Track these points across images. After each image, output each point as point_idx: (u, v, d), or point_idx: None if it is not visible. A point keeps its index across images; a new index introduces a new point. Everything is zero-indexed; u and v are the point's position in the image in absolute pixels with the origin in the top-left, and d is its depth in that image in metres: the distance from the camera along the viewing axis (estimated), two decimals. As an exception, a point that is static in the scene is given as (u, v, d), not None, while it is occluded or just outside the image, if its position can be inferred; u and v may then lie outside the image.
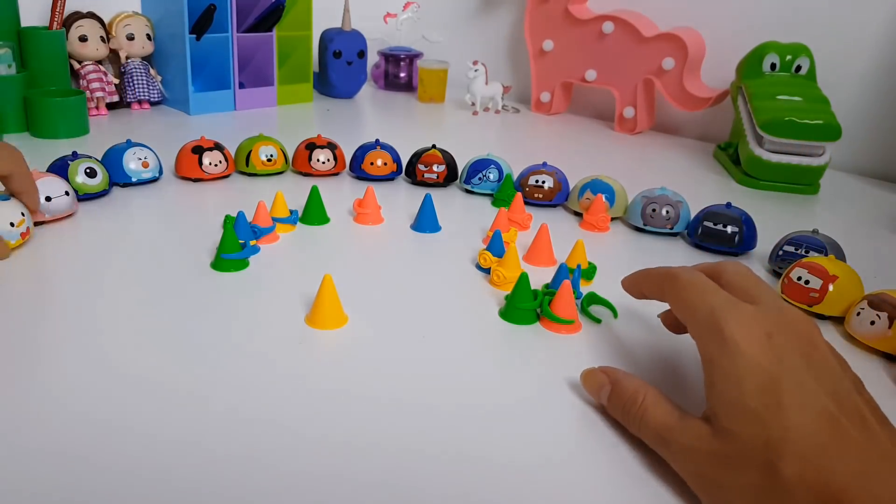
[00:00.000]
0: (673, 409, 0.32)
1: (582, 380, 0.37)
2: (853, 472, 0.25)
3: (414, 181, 0.72)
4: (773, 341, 0.29)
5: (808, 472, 0.26)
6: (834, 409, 0.27)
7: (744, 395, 0.28)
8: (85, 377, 0.36)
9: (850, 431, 0.26)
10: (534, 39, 1.12)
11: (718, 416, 0.29)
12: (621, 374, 0.35)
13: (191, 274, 0.49)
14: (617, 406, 0.34)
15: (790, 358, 0.29)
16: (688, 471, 0.30)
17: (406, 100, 1.21)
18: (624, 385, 0.34)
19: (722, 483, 0.28)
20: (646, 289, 0.38)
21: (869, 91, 0.90)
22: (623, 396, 0.34)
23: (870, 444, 0.26)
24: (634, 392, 0.33)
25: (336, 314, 0.43)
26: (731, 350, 0.29)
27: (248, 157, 0.70)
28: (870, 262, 0.57)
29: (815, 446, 0.26)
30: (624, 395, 0.34)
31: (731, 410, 0.28)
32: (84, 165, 0.60)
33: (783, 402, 0.27)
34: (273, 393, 0.36)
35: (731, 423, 0.28)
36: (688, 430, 0.30)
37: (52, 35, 0.87)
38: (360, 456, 0.31)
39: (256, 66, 1.07)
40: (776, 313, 0.31)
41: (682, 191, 0.64)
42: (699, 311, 0.32)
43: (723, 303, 0.31)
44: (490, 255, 0.52)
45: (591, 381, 0.36)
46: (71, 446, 0.31)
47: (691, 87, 0.98)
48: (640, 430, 0.32)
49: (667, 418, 0.31)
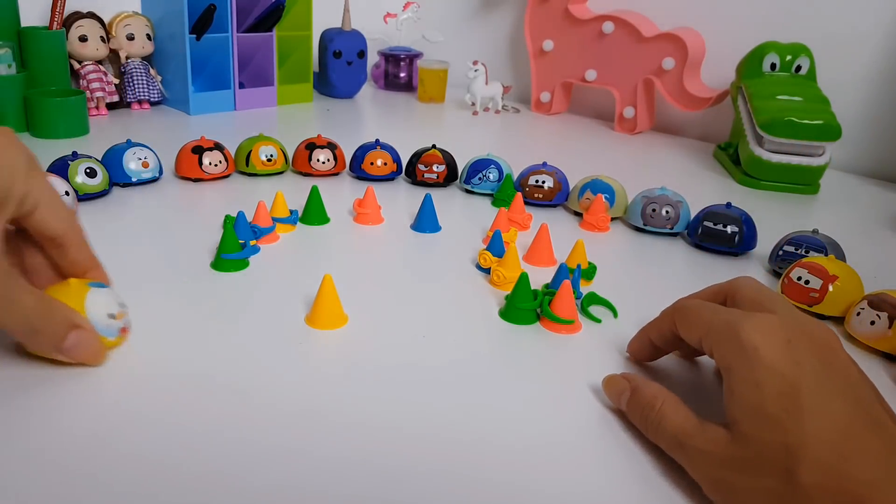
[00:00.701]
0: (691, 414, 0.31)
1: (603, 385, 0.37)
2: (872, 479, 0.25)
3: (414, 181, 0.72)
4: (792, 347, 0.29)
5: (827, 478, 0.26)
6: (854, 415, 0.27)
7: (763, 401, 0.28)
8: (85, 377, 0.36)
9: (870, 439, 0.26)
10: (534, 39, 1.12)
11: (738, 421, 0.29)
12: (641, 380, 0.35)
13: (191, 274, 0.49)
14: (636, 411, 0.34)
15: (810, 364, 0.28)
16: (704, 475, 0.30)
17: (406, 100, 1.21)
18: (643, 391, 0.34)
19: (738, 488, 0.28)
20: (653, 335, 0.38)
21: (869, 91, 0.90)
22: (642, 401, 0.34)
23: (889, 451, 0.26)
24: (653, 397, 0.33)
25: (336, 314, 0.43)
26: (750, 355, 0.29)
27: (248, 157, 0.70)
28: (870, 262, 0.57)
29: (834, 453, 0.26)
30: (643, 400, 0.34)
31: (751, 415, 0.28)
32: (84, 165, 0.60)
33: (803, 407, 0.27)
34: (273, 393, 0.36)
35: (750, 428, 0.28)
36: (706, 434, 0.30)
37: (52, 35, 0.87)
38: (361, 456, 0.31)
39: (256, 66, 1.07)
40: (795, 321, 0.31)
41: (682, 191, 0.64)
42: (714, 323, 0.32)
43: (739, 314, 0.31)
44: (490, 255, 0.52)
45: (612, 387, 0.36)
46: (69, 448, 0.31)
47: (691, 87, 0.98)
48: (657, 434, 0.32)
49: (685, 423, 0.31)
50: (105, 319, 0.37)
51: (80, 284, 0.37)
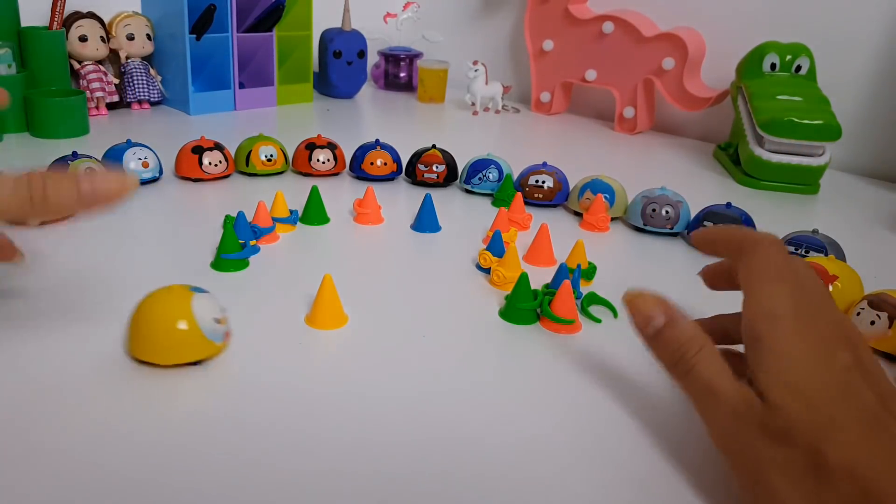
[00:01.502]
0: (727, 368, 0.30)
1: (628, 301, 0.33)
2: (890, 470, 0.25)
3: (414, 181, 0.72)
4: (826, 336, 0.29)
5: (856, 464, 0.25)
6: (882, 411, 0.27)
7: (798, 378, 0.28)
8: (85, 377, 0.36)
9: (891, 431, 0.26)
10: (534, 39, 1.12)
11: (770, 392, 0.28)
12: (679, 314, 0.32)
13: (191, 274, 0.48)
14: (667, 347, 0.31)
15: (843, 357, 0.28)
16: (727, 435, 0.29)
17: (406, 100, 1.21)
18: (682, 327, 0.31)
19: (762, 456, 0.28)
20: (721, 248, 0.36)
21: (869, 91, 0.90)
22: (679, 339, 0.31)
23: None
24: (692, 339, 0.31)
25: (336, 314, 0.43)
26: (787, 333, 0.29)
27: (248, 157, 0.70)
28: (870, 262, 0.57)
29: (865, 443, 0.26)
30: (680, 338, 0.31)
31: (784, 389, 0.28)
32: (84, 165, 0.60)
33: (836, 392, 0.27)
34: (273, 393, 0.36)
35: (784, 400, 0.27)
36: (739, 393, 0.29)
37: (52, 35, 0.87)
38: (360, 456, 0.31)
39: (256, 66, 1.07)
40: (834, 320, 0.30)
41: (682, 191, 0.64)
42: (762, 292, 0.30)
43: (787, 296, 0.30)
44: (490, 255, 0.52)
45: (640, 306, 0.33)
46: (70, 449, 0.31)
47: (691, 87, 0.98)
48: (685, 379, 0.31)
49: (720, 377, 0.30)
50: (212, 324, 0.36)
51: (183, 289, 0.37)
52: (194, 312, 0.36)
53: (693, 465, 0.32)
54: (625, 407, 0.37)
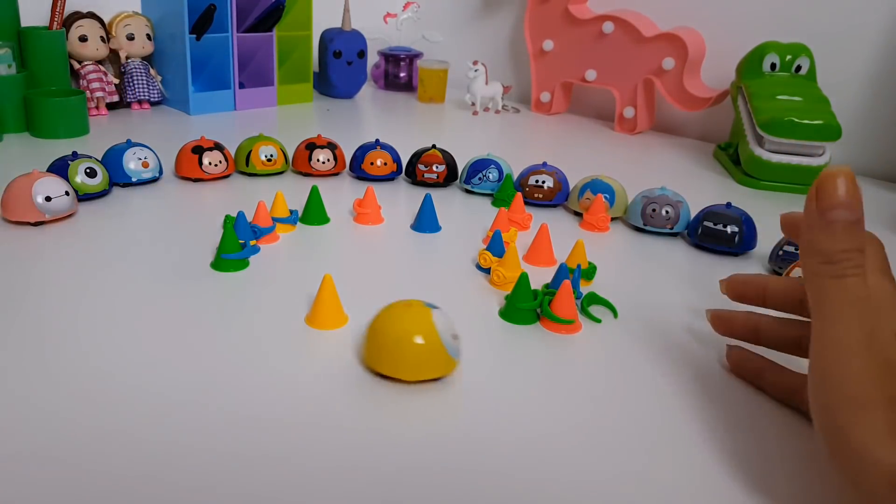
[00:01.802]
0: None
1: (821, 179, 0.29)
2: None
3: (414, 181, 0.72)
4: None
5: None
6: None
7: None
8: (85, 377, 0.36)
9: None
10: (534, 39, 1.12)
11: None
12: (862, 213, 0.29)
13: (191, 274, 0.49)
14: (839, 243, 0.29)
15: None
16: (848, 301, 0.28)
17: (406, 100, 1.21)
18: (863, 235, 0.29)
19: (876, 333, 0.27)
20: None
21: (869, 91, 0.90)
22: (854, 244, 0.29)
23: None
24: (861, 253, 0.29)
25: (336, 314, 0.43)
26: None
27: (248, 157, 0.70)
28: (870, 262, 0.57)
29: None
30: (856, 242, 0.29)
31: None
32: (84, 165, 0.60)
33: None
34: (273, 393, 0.36)
35: None
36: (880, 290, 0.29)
37: (52, 35, 0.87)
38: (361, 455, 0.31)
39: (256, 66, 1.07)
40: None
41: (682, 191, 0.64)
42: None
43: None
44: (490, 255, 0.52)
45: (831, 181, 0.29)
46: (68, 449, 0.31)
47: (691, 87, 0.98)
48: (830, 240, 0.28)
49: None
50: (452, 340, 0.36)
51: (422, 305, 0.37)
52: (437, 328, 0.35)
53: (693, 465, 0.32)
54: (625, 407, 0.37)
